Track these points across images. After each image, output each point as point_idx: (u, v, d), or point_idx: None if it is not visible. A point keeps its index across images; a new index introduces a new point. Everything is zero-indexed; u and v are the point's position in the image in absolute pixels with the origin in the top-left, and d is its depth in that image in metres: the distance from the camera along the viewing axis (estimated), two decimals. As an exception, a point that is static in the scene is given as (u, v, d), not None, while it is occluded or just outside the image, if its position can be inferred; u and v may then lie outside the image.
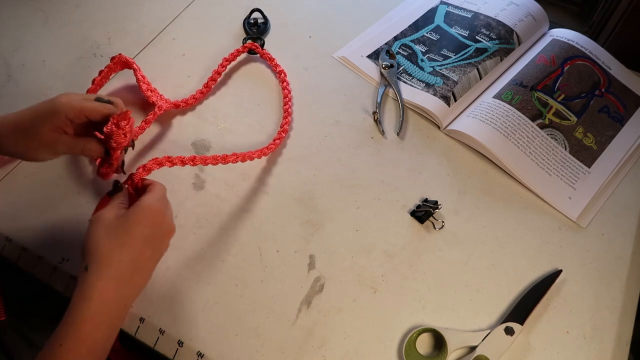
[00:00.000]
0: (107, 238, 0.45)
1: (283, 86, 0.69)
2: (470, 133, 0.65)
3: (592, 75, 0.72)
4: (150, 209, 0.47)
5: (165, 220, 0.48)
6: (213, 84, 0.69)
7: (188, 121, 0.67)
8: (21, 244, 0.57)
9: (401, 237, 0.59)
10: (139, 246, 0.45)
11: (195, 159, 0.55)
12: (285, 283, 0.55)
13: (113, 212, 0.47)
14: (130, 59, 0.66)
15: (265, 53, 0.72)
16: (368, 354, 0.52)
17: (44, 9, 0.78)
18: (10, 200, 0.60)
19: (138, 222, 0.46)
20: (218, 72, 0.69)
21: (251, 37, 0.74)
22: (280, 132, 0.65)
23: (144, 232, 0.46)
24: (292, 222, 0.59)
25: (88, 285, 0.43)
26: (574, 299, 0.56)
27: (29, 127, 0.52)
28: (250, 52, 0.73)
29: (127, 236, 0.45)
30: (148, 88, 0.66)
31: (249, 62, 0.73)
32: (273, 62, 0.71)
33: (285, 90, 0.69)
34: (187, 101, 0.67)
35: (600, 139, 0.68)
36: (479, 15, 0.77)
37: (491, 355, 0.51)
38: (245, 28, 0.76)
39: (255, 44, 0.73)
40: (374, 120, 0.67)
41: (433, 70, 0.72)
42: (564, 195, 0.63)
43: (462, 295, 0.56)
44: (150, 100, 0.65)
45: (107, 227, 0.45)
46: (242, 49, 0.72)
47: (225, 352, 0.52)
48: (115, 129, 0.53)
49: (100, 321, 0.43)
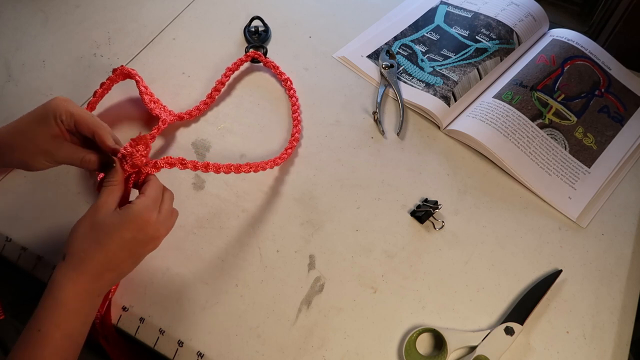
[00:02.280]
0: (88, 234, 0.46)
1: (290, 94, 0.69)
2: (470, 133, 0.65)
3: (592, 75, 0.72)
4: (137, 216, 0.47)
5: (150, 227, 0.48)
6: (217, 94, 0.68)
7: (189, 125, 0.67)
8: (21, 244, 0.57)
9: (401, 237, 0.59)
10: (115, 248, 0.46)
11: (208, 166, 0.54)
12: (285, 283, 0.55)
13: (106, 209, 0.47)
14: (132, 70, 0.65)
15: (269, 61, 0.71)
16: (368, 354, 0.52)
17: (44, 9, 0.78)
18: (10, 200, 0.60)
19: (121, 226, 0.46)
20: (222, 82, 0.68)
21: (253, 46, 0.73)
22: (291, 142, 0.64)
23: (125, 237, 0.47)
24: (292, 222, 0.59)
25: (62, 275, 0.45)
26: (574, 299, 0.56)
27: (26, 129, 0.51)
28: (253, 61, 0.72)
29: (107, 237, 0.46)
30: (151, 99, 0.65)
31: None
32: (277, 70, 0.71)
33: (293, 99, 0.68)
34: (190, 113, 0.66)
35: (600, 139, 0.68)
36: (479, 15, 0.77)
37: (491, 355, 0.51)
38: (247, 36, 0.75)
39: (258, 52, 0.72)
40: (374, 120, 0.67)
41: (433, 70, 0.72)
42: (564, 195, 0.63)
43: (462, 295, 0.56)
44: (153, 113, 0.64)
45: (92, 224, 0.46)
46: (245, 58, 0.71)
47: (225, 352, 0.52)
48: (134, 152, 0.50)
49: (74, 308, 0.45)
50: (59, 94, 0.68)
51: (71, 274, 0.45)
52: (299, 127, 0.66)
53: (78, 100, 0.68)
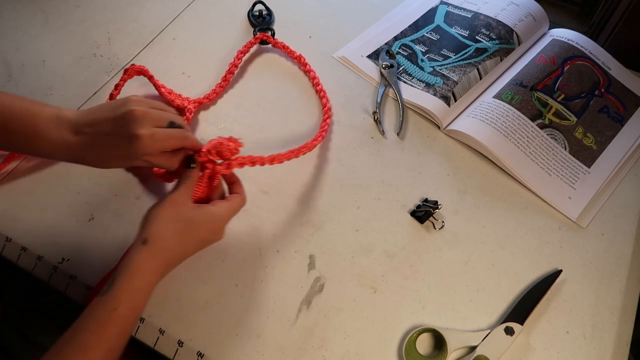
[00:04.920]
0: (172, 225, 0.48)
1: (307, 69, 0.71)
2: (470, 133, 0.65)
3: (592, 75, 0.72)
4: (220, 220, 0.51)
5: (222, 232, 0.53)
6: (231, 77, 0.70)
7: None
8: (21, 244, 0.57)
9: (401, 237, 0.59)
10: (191, 243, 0.50)
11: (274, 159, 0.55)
12: (285, 283, 0.55)
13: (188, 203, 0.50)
14: (144, 67, 0.66)
15: (278, 42, 0.73)
16: (368, 354, 0.52)
17: (44, 9, 0.78)
18: (10, 200, 0.60)
19: (204, 225, 0.50)
20: (235, 64, 0.70)
21: (261, 28, 0.75)
22: (324, 120, 0.65)
23: (203, 235, 0.50)
24: (292, 222, 0.59)
25: (144, 260, 0.46)
26: (574, 299, 0.56)
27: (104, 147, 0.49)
28: (262, 43, 0.74)
29: (188, 232, 0.49)
30: (168, 91, 0.67)
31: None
32: (288, 49, 0.72)
33: (312, 73, 0.70)
34: (209, 97, 0.68)
35: (600, 139, 0.68)
36: (479, 15, 0.77)
37: (491, 355, 0.51)
38: (251, 20, 0.77)
39: (267, 34, 0.73)
40: (374, 120, 0.67)
41: (433, 70, 0.72)
42: (564, 195, 0.63)
43: (462, 295, 0.56)
44: (174, 104, 0.65)
45: (177, 215, 0.48)
46: (254, 40, 0.72)
47: (225, 352, 0.52)
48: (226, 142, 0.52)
49: (148, 292, 0.47)
50: (59, 93, 0.68)
51: (152, 262, 0.46)
52: (326, 97, 0.68)
53: (78, 100, 0.68)
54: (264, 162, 0.55)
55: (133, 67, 0.66)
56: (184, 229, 0.48)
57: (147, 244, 0.46)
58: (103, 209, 0.59)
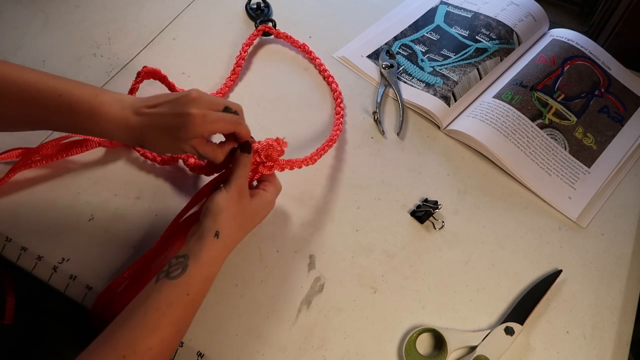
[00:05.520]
0: (237, 218, 0.50)
1: (312, 57, 0.71)
2: (470, 133, 0.65)
3: (592, 76, 0.72)
4: (271, 203, 0.55)
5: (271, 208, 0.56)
6: (239, 70, 0.70)
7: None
8: (21, 244, 0.57)
9: (401, 237, 0.59)
10: (250, 229, 0.53)
11: (308, 161, 0.59)
12: (285, 283, 0.55)
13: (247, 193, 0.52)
14: (156, 69, 0.65)
15: (281, 32, 0.73)
16: (368, 354, 0.52)
17: (44, 9, 0.78)
18: (10, 200, 0.60)
19: (261, 213, 0.54)
20: (242, 57, 0.71)
21: (262, 20, 0.75)
22: (338, 105, 0.67)
23: (260, 220, 0.54)
24: (292, 222, 0.59)
25: (219, 252, 0.49)
26: (574, 299, 0.56)
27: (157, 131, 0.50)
28: (264, 35, 0.74)
29: (249, 222, 0.53)
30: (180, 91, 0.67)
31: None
32: (291, 39, 0.73)
33: (317, 60, 0.71)
34: (221, 91, 0.68)
35: (600, 139, 0.68)
36: (479, 15, 0.77)
37: (491, 355, 0.51)
38: (249, 13, 0.77)
39: (269, 25, 0.74)
40: (374, 120, 0.67)
41: (433, 70, 0.72)
42: (564, 195, 0.63)
43: (462, 295, 0.56)
44: None
45: (242, 208, 0.51)
46: (257, 32, 0.73)
47: (225, 352, 0.52)
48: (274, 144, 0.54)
49: (212, 281, 0.49)
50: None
51: (223, 254, 0.49)
52: (334, 83, 0.69)
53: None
54: (300, 165, 0.58)
55: (146, 68, 0.65)
56: (249, 221, 0.52)
57: (220, 238, 0.48)
58: (103, 209, 0.59)
